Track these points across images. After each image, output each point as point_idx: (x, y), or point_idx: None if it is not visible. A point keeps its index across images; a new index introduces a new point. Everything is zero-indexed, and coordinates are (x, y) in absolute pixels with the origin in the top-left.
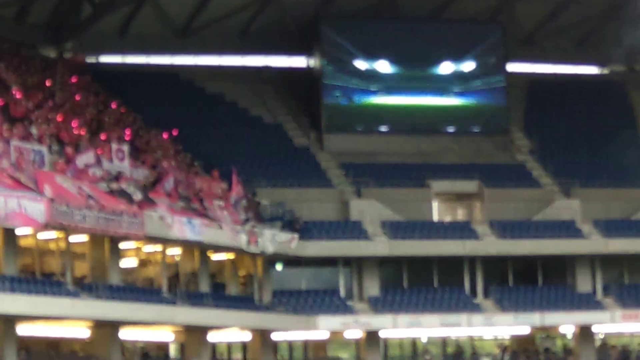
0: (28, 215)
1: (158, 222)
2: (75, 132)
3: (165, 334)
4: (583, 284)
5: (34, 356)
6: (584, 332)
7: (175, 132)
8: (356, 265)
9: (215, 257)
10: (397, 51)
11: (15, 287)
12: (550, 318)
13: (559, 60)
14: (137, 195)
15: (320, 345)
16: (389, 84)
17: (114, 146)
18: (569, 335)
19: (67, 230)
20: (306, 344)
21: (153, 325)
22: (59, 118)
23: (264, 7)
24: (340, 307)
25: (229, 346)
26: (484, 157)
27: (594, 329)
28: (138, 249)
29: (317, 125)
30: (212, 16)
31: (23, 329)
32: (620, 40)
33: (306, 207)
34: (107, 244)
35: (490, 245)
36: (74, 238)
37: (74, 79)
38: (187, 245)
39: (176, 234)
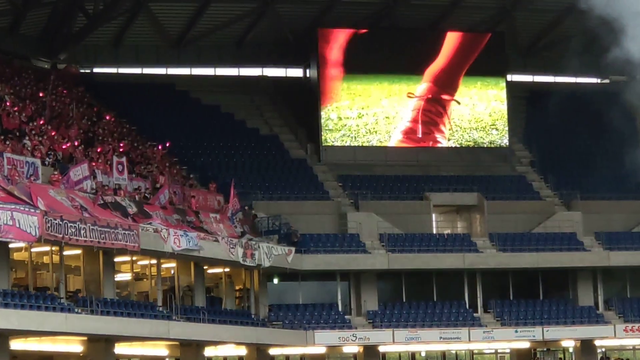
0: (21, 228)
1: (153, 236)
2: (69, 144)
3: (160, 349)
4: (584, 297)
5: None
6: (586, 346)
7: (167, 144)
8: (354, 278)
9: (211, 270)
10: (394, 62)
11: (8, 302)
12: (551, 332)
13: (559, 71)
14: (132, 208)
15: None
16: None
17: (115, 159)
18: (571, 349)
19: (61, 243)
20: (303, 359)
21: (148, 340)
22: (53, 130)
23: (260, 18)
24: (338, 321)
25: None
26: (484, 169)
27: (596, 343)
28: (133, 263)
29: (314, 136)
30: (208, 27)
31: (16, 344)
32: (620, 50)
33: (303, 220)
34: (101, 257)
35: (490, 258)
36: (67, 252)
37: (67, 91)
38: (183, 259)
39: (172, 247)
